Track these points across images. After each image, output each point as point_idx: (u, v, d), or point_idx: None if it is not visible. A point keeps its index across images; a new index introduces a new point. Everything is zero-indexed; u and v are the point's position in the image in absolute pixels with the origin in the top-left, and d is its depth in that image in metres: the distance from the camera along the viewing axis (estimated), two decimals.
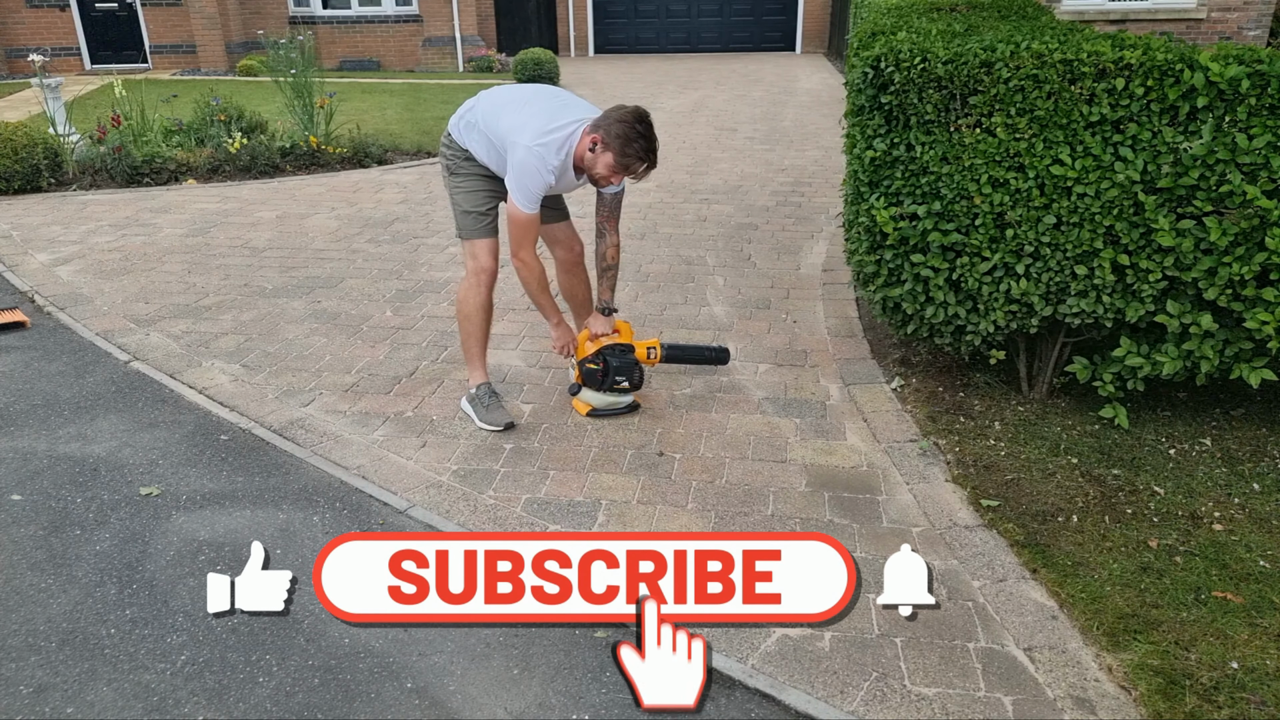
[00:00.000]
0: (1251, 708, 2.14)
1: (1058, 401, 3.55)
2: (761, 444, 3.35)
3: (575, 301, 3.77)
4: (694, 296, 4.84)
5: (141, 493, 3.07)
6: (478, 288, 3.42)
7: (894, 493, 3.03)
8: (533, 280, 3.32)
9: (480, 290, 3.42)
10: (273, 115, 8.85)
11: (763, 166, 7.96)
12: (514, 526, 2.87)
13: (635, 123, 3.06)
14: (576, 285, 3.72)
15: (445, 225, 6.22)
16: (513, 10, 17.63)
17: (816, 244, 5.72)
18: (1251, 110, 2.79)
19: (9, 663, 2.33)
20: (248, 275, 5.24)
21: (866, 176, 3.40)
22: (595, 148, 3.09)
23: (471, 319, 3.48)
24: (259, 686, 2.25)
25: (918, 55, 3.14)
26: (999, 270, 3.23)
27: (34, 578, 2.66)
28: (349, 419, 3.56)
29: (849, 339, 4.27)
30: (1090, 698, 2.18)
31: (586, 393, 3.54)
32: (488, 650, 2.37)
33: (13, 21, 14.95)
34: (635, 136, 3.05)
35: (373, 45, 16.17)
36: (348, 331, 4.42)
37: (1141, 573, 2.61)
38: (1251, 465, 3.14)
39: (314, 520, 2.92)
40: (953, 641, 2.37)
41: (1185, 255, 2.92)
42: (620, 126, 3.05)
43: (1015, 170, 3.10)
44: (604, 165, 3.10)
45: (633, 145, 3.06)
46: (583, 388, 3.54)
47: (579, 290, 3.73)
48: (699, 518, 2.91)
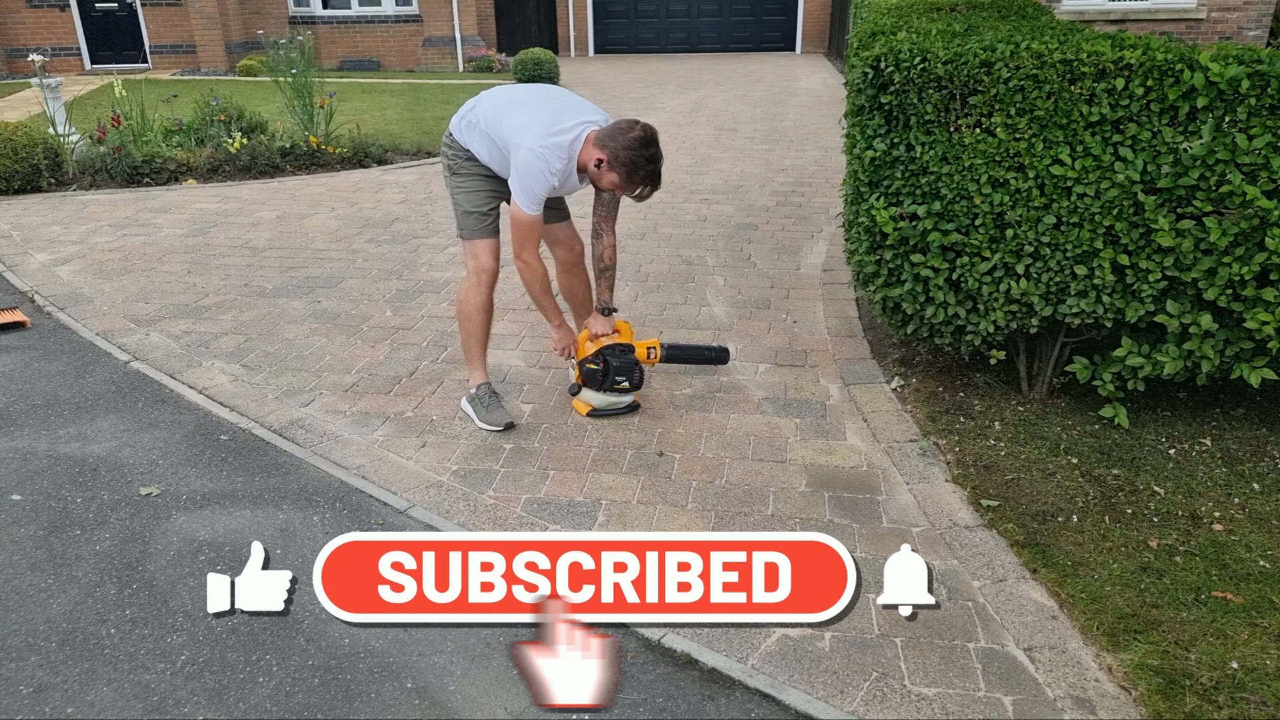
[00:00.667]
0: (1251, 708, 2.14)
1: (1058, 401, 3.55)
2: (761, 444, 3.35)
3: (575, 301, 3.77)
4: (694, 296, 4.84)
5: (141, 493, 3.07)
6: (478, 288, 3.42)
7: (894, 493, 3.03)
8: (535, 282, 3.32)
9: (481, 290, 3.42)
10: (273, 115, 8.84)
11: (763, 166, 7.96)
12: (514, 526, 2.87)
13: (642, 148, 3.03)
14: (577, 285, 3.72)
15: (445, 225, 6.22)
16: (513, 10, 17.63)
17: (816, 244, 5.72)
18: (1251, 110, 2.79)
19: (9, 663, 2.33)
20: (248, 275, 5.24)
21: (866, 176, 3.40)
22: (600, 165, 3.08)
23: (472, 319, 3.48)
24: (259, 686, 2.25)
25: (918, 55, 3.14)
26: (999, 270, 3.23)
27: (34, 578, 2.66)
28: (349, 419, 3.56)
29: (849, 339, 4.27)
30: (1090, 698, 2.18)
31: (587, 393, 3.54)
32: (488, 650, 2.37)
33: (13, 21, 14.95)
34: (642, 163, 3.04)
35: (373, 45, 16.17)
36: (348, 331, 4.42)
37: (1141, 573, 2.61)
38: (1251, 465, 3.14)
39: (314, 520, 2.92)
40: (953, 641, 2.37)
41: (1185, 255, 2.92)
42: (628, 154, 3.02)
43: (1015, 170, 3.10)
44: (608, 182, 3.11)
45: (639, 172, 3.05)
46: (583, 388, 3.54)
47: (579, 290, 3.73)
48: (699, 518, 2.91)
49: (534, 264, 3.28)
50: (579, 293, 3.74)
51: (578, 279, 3.71)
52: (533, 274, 3.30)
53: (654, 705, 2.19)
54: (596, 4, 17.93)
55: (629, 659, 2.33)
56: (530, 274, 3.30)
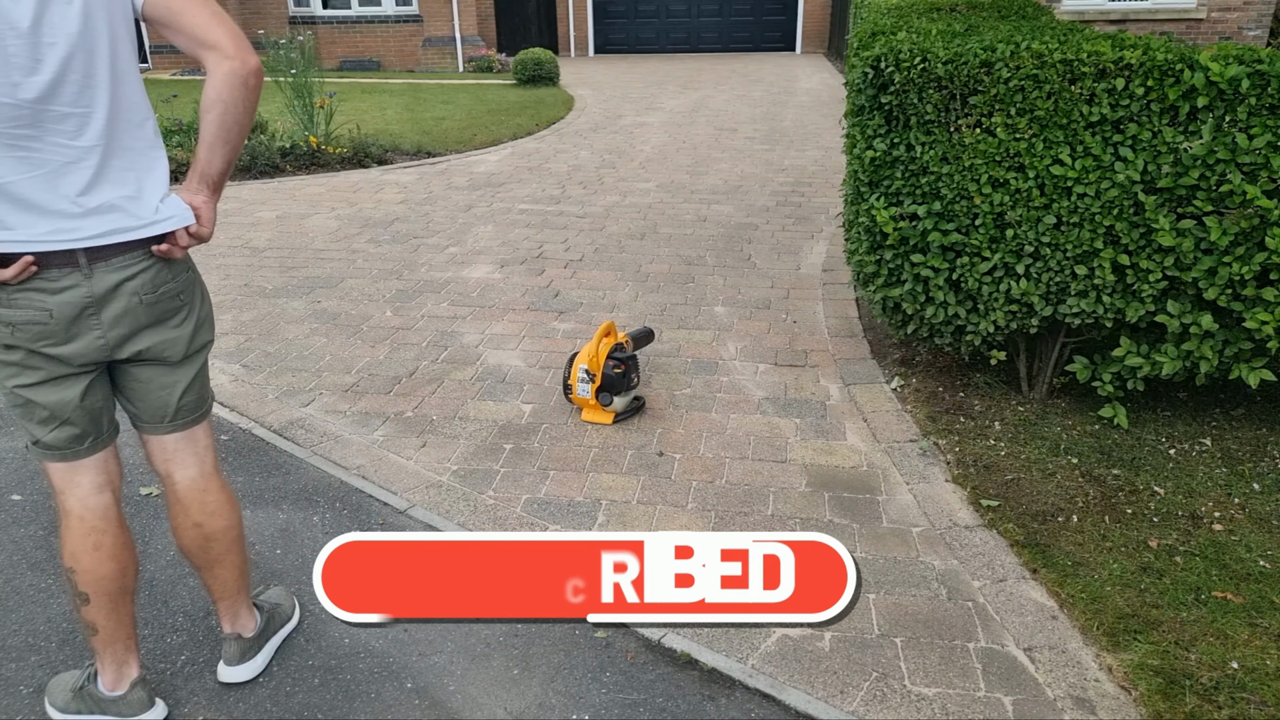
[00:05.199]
0: (1251, 708, 2.14)
1: (1058, 401, 3.55)
2: (761, 444, 3.35)
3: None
4: (694, 296, 4.84)
5: (141, 493, 3.07)
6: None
7: (894, 493, 3.03)
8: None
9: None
10: (273, 115, 8.85)
11: (763, 166, 7.96)
12: (514, 526, 2.87)
13: None
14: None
15: (445, 225, 6.23)
16: (513, 10, 17.63)
17: (816, 244, 5.72)
18: (1251, 110, 2.79)
19: (9, 663, 2.33)
20: (248, 275, 5.24)
21: (866, 176, 3.40)
22: None
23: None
24: (259, 686, 2.25)
25: (918, 55, 3.14)
26: (999, 270, 3.23)
27: (34, 578, 2.66)
28: (349, 419, 3.56)
29: (849, 339, 4.27)
30: (1090, 698, 2.18)
31: (615, 399, 3.46)
32: (488, 650, 2.37)
33: None
34: None
35: (373, 45, 16.16)
36: (348, 331, 4.42)
37: (1141, 573, 2.61)
38: (1251, 465, 3.14)
39: (314, 520, 2.92)
40: (953, 641, 2.37)
41: (1185, 255, 2.92)
42: None
43: (1015, 170, 3.10)
44: None
45: None
46: (612, 397, 3.45)
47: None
48: (699, 518, 2.91)
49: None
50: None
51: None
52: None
53: (654, 705, 2.19)
54: (596, 4, 17.93)
55: (629, 659, 2.33)
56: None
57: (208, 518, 2.14)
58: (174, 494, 2.11)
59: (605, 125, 10.17)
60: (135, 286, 1.85)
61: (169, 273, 1.92)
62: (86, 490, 2.00)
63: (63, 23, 1.68)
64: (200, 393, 2.09)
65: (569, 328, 4.44)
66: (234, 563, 2.21)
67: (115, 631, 2.07)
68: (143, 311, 1.88)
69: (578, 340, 4.24)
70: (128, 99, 1.82)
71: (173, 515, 2.14)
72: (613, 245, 5.75)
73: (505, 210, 6.61)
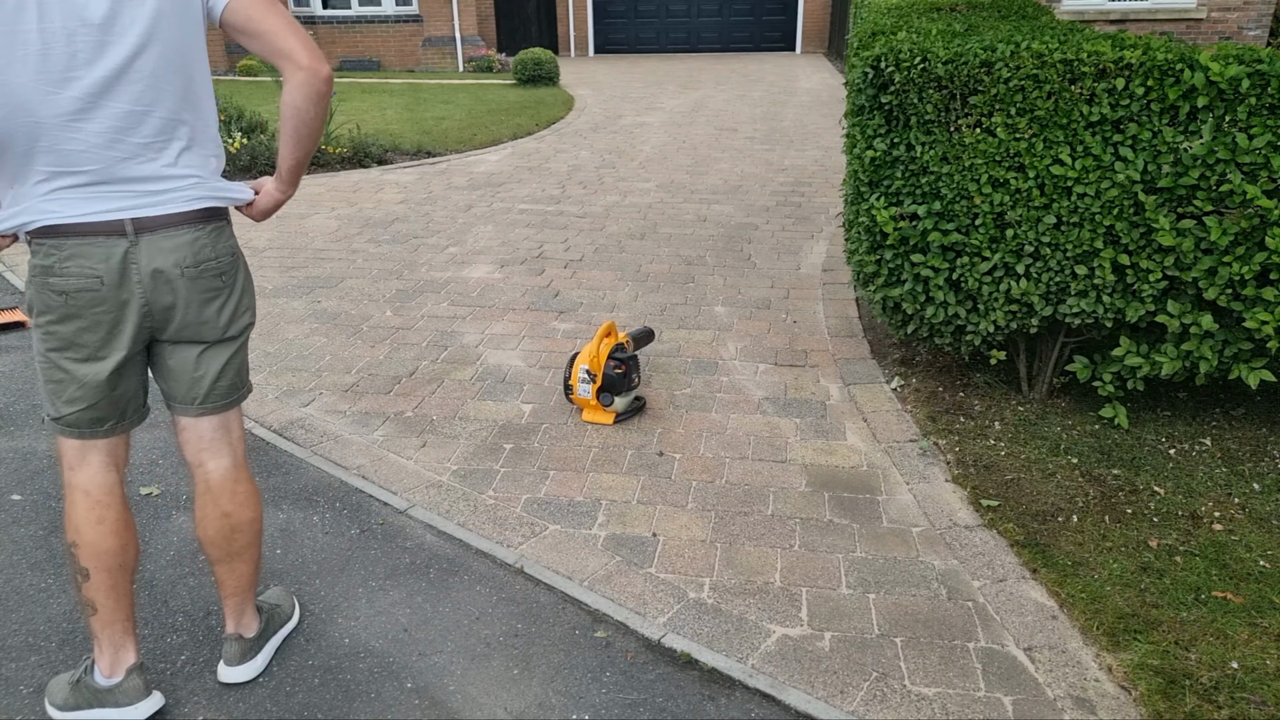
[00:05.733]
0: (1251, 708, 2.14)
1: (1058, 401, 3.55)
2: (761, 444, 3.35)
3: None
4: (694, 296, 4.84)
5: (141, 492, 3.07)
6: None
7: (894, 493, 3.03)
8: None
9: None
10: (273, 115, 8.85)
11: (763, 166, 7.96)
12: (514, 526, 2.87)
13: None
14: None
15: (445, 225, 6.23)
16: (513, 10, 17.64)
17: (816, 244, 5.72)
18: (1251, 110, 2.79)
19: (9, 663, 2.33)
20: None
21: (866, 176, 3.40)
22: None
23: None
24: (259, 686, 2.25)
25: (918, 55, 3.14)
26: (999, 270, 3.23)
27: (34, 578, 2.66)
28: (349, 419, 3.56)
29: (849, 339, 4.27)
30: (1090, 698, 2.18)
31: (616, 399, 3.47)
32: (488, 650, 2.37)
33: None
34: None
35: (373, 45, 16.17)
36: (348, 331, 4.42)
37: (1141, 573, 2.61)
38: (1251, 465, 3.14)
39: (314, 520, 2.92)
40: (953, 641, 2.37)
41: (1185, 255, 2.92)
42: None
43: (1015, 170, 3.10)
44: None
45: None
46: (614, 397, 3.45)
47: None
48: (699, 518, 2.91)
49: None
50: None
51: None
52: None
53: (654, 705, 2.19)
54: (596, 4, 17.94)
55: (629, 659, 2.33)
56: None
57: (237, 508, 2.17)
58: (205, 483, 2.15)
59: (605, 125, 10.18)
60: (178, 259, 1.92)
61: (212, 250, 1.98)
62: (95, 468, 2.04)
63: (133, 21, 1.79)
64: (236, 377, 2.13)
65: (569, 328, 4.44)
66: (253, 557, 2.24)
67: (114, 611, 2.08)
68: (184, 285, 1.94)
69: (578, 340, 4.24)
70: (194, 96, 1.93)
71: (200, 505, 2.16)
72: (613, 245, 5.75)
73: (505, 210, 6.62)
